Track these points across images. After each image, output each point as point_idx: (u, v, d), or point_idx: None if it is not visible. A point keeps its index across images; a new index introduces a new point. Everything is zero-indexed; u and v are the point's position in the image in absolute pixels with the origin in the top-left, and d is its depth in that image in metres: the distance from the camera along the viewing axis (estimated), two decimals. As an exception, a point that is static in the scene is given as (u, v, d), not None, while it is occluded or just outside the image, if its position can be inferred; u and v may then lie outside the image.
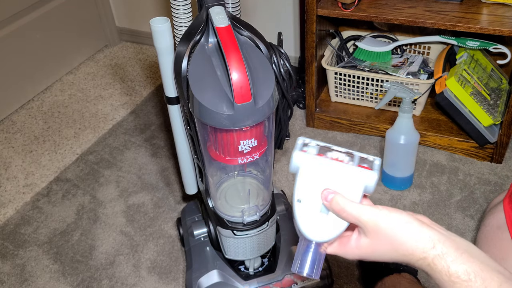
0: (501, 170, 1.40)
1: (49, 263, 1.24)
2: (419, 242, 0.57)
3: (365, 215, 0.58)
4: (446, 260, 0.56)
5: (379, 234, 0.58)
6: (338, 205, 0.59)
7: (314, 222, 0.60)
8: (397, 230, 0.57)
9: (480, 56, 1.46)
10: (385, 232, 0.58)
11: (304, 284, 1.06)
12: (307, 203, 0.60)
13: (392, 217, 0.58)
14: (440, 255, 0.56)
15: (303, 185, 0.61)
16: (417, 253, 0.57)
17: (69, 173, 1.51)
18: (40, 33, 1.85)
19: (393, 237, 0.58)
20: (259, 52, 0.83)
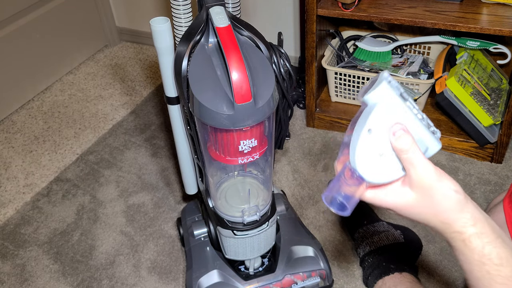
0: (501, 170, 1.40)
1: (49, 263, 1.24)
2: (462, 215, 0.56)
3: (424, 167, 0.56)
4: (482, 240, 0.55)
5: (426, 193, 0.56)
6: (406, 143, 0.55)
7: (371, 160, 0.57)
8: (446, 196, 0.56)
9: (480, 56, 1.46)
10: (433, 193, 0.56)
11: (304, 284, 1.06)
12: (376, 138, 0.56)
13: (445, 181, 0.56)
14: (478, 233, 0.55)
15: (379, 118, 0.56)
16: (456, 225, 0.56)
17: (69, 173, 1.51)
18: (40, 33, 1.85)
19: (439, 201, 0.56)
20: (259, 52, 0.83)
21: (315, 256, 1.10)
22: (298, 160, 1.48)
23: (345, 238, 1.24)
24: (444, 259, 1.17)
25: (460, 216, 0.56)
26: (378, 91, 0.55)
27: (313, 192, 1.37)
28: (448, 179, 0.57)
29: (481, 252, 0.55)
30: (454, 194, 0.56)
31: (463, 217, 0.56)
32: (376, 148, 0.56)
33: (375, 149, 0.56)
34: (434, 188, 0.56)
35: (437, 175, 0.56)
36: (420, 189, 0.56)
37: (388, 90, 0.56)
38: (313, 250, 1.11)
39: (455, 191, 0.56)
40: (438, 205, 0.56)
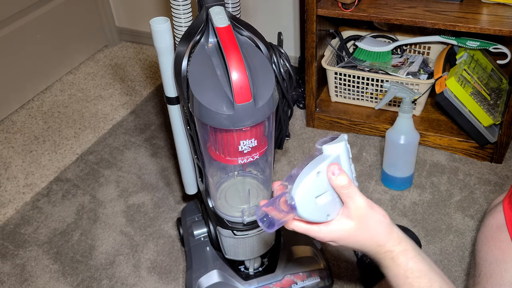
0: (501, 170, 1.40)
1: (49, 263, 1.24)
2: (391, 236, 0.65)
3: (360, 199, 0.65)
4: (406, 256, 0.65)
5: (363, 220, 0.65)
6: (344, 180, 0.64)
7: (309, 197, 0.64)
8: (378, 221, 0.65)
9: (480, 56, 1.46)
10: (368, 220, 0.65)
11: (304, 284, 1.06)
12: (320, 181, 0.64)
13: (376, 209, 0.66)
14: (403, 251, 0.65)
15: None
16: (387, 245, 0.65)
17: (69, 173, 1.51)
18: (40, 33, 1.85)
19: (373, 226, 0.65)
20: (259, 52, 0.83)
21: (314, 256, 1.10)
22: (298, 160, 1.49)
23: (345, 238, 1.23)
24: (444, 259, 1.17)
25: (389, 237, 0.65)
26: (336, 147, 0.66)
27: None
28: (378, 207, 0.67)
29: (405, 266, 0.64)
30: (384, 219, 0.66)
31: (392, 238, 0.65)
32: (317, 190, 0.65)
33: (316, 190, 0.65)
34: (369, 215, 0.65)
35: (369, 205, 0.66)
36: (357, 218, 0.65)
37: (342, 149, 0.67)
38: (313, 250, 1.11)
39: (383, 216, 0.66)
40: (373, 230, 0.65)
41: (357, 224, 0.65)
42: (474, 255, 1.04)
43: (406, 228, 1.20)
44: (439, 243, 1.21)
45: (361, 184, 1.38)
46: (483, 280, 0.93)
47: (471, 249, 1.19)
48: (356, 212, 0.65)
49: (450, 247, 1.20)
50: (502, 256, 0.92)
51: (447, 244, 1.21)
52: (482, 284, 0.92)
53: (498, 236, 0.96)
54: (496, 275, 0.91)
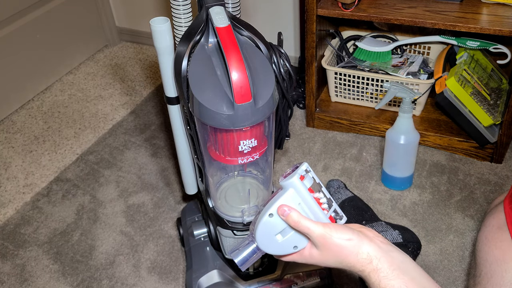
0: (501, 170, 1.40)
1: (49, 263, 1.24)
2: (359, 257, 0.66)
3: (315, 230, 0.67)
4: (379, 275, 0.65)
5: (326, 248, 0.67)
6: (294, 218, 0.68)
7: (270, 237, 0.70)
8: (341, 246, 0.66)
9: (480, 56, 1.46)
10: (331, 247, 0.67)
11: (304, 284, 1.06)
12: (275, 221, 0.69)
13: (337, 234, 0.67)
14: (375, 269, 0.65)
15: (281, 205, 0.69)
16: (357, 266, 0.66)
17: (69, 173, 1.51)
18: (40, 33, 1.85)
19: (337, 252, 0.67)
20: (259, 52, 0.83)
21: (315, 256, 1.09)
22: (298, 160, 1.48)
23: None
24: (444, 259, 1.17)
25: (357, 258, 0.66)
26: (290, 182, 0.68)
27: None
28: (340, 230, 0.67)
29: (378, 285, 0.65)
30: (347, 242, 0.67)
31: (360, 258, 0.66)
32: (274, 229, 0.69)
33: (273, 230, 0.69)
34: (330, 243, 0.67)
35: (329, 231, 0.67)
36: (322, 247, 0.68)
37: (297, 183, 0.68)
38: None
39: (347, 239, 0.67)
40: (338, 255, 0.67)
41: (322, 252, 0.68)
42: (474, 255, 1.04)
43: (407, 228, 1.20)
44: (439, 243, 1.21)
45: (361, 184, 1.38)
46: (484, 280, 0.93)
47: (471, 249, 1.19)
48: (318, 242, 0.68)
49: (450, 247, 1.20)
50: (502, 256, 0.92)
51: (447, 244, 1.21)
52: (483, 284, 0.92)
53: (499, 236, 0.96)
54: (497, 275, 0.91)
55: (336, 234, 0.67)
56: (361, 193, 1.35)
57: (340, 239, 0.67)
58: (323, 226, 0.67)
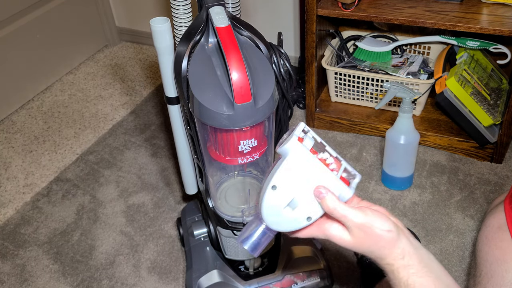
0: (501, 170, 1.40)
1: (49, 263, 1.24)
2: (394, 251, 0.63)
3: (355, 219, 0.62)
4: (408, 271, 0.63)
5: (362, 236, 0.63)
6: (329, 204, 0.62)
7: (278, 212, 0.62)
8: (380, 237, 0.63)
9: (480, 56, 1.46)
10: (369, 236, 0.63)
11: (304, 284, 1.06)
12: (280, 193, 0.62)
13: (378, 224, 0.63)
14: (405, 265, 0.63)
15: (284, 174, 0.61)
16: (388, 259, 0.64)
17: (69, 173, 1.51)
18: (40, 33, 1.85)
19: (374, 241, 0.63)
20: (259, 52, 0.83)
21: (315, 256, 1.10)
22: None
23: (345, 238, 1.23)
24: (444, 259, 1.17)
25: (391, 251, 0.64)
26: (287, 146, 0.60)
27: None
28: (380, 220, 0.63)
29: (406, 281, 0.63)
30: (387, 233, 0.63)
31: (394, 252, 0.64)
32: (281, 202, 0.62)
33: (280, 203, 0.62)
34: (368, 233, 0.63)
35: (370, 220, 0.63)
36: (356, 235, 0.63)
37: (296, 145, 0.60)
38: (313, 250, 1.10)
39: (387, 231, 0.63)
40: (373, 245, 0.64)
41: (356, 239, 0.64)
42: (474, 255, 1.04)
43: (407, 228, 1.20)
44: (439, 243, 1.21)
45: (361, 184, 1.38)
46: (484, 280, 0.93)
47: (471, 249, 1.19)
48: (354, 230, 0.63)
49: (450, 247, 1.20)
50: (503, 256, 0.92)
51: (447, 244, 1.21)
52: (483, 284, 0.92)
53: (499, 236, 0.96)
54: (497, 275, 0.91)
55: (377, 223, 0.63)
56: (361, 193, 1.35)
57: (381, 230, 0.63)
58: (363, 214, 0.62)
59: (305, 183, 0.62)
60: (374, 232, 0.62)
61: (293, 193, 0.62)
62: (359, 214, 0.62)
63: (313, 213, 0.63)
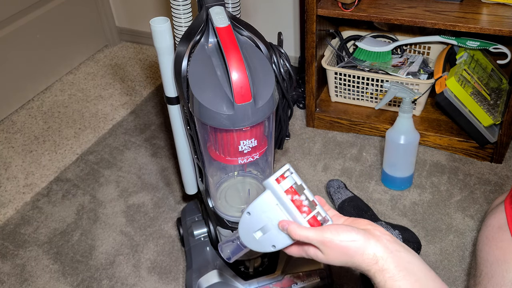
0: (501, 170, 1.40)
1: (49, 263, 1.24)
2: (365, 257, 0.65)
3: (313, 238, 0.67)
4: (384, 275, 0.64)
5: (330, 250, 0.67)
6: (293, 230, 0.68)
7: (250, 234, 0.72)
8: (345, 248, 0.66)
9: (480, 56, 1.46)
10: (334, 249, 0.66)
11: (304, 284, 1.06)
12: (253, 219, 0.71)
13: (339, 236, 0.66)
14: (380, 270, 0.65)
15: (259, 205, 0.70)
16: (363, 266, 0.66)
17: (69, 173, 1.51)
18: (40, 33, 1.85)
19: (342, 253, 0.66)
20: (259, 52, 0.83)
21: (315, 256, 1.09)
22: (298, 160, 1.49)
23: (345, 238, 1.23)
24: (444, 259, 1.17)
25: (363, 258, 0.65)
26: (265, 182, 0.69)
27: (313, 192, 1.36)
28: (343, 232, 0.66)
29: (384, 286, 0.65)
30: (352, 243, 0.66)
31: (366, 258, 0.65)
32: (252, 227, 0.71)
33: (251, 227, 0.72)
34: (333, 246, 0.66)
35: (328, 235, 0.66)
36: (324, 250, 0.67)
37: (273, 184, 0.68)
38: (313, 250, 1.10)
39: (352, 241, 0.66)
40: (343, 256, 0.66)
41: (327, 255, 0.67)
42: (475, 255, 1.04)
43: (406, 228, 1.20)
44: (439, 243, 1.21)
45: (361, 184, 1.38)
46: (484, 280, 0.93)
47: (472, 249, 1.19)
48: (319, 246, 0.67)
49: (450, 247, 1.20)
50: (503, 256, 0.92)
51: (447, 244, 1.21)
52: (483, 284, 0.92)
53: (500, 236, 0.96)
54: (497, 275, 0.90)
55: (338, 236, 0.66)
56: (361, 193, 1.35)
57: (342, 241, 0.66)
58: (321, 231, 0.67)
59: (275, 217, 0.70)
60: (338, 244, 0.66)
61: (263, 222, 0.70)
62: (318, 233, 0.67)
63: (278, 243, 0.71)
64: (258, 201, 0.70)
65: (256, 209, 0.70)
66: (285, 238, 0.70)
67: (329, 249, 0.66)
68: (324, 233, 0.66)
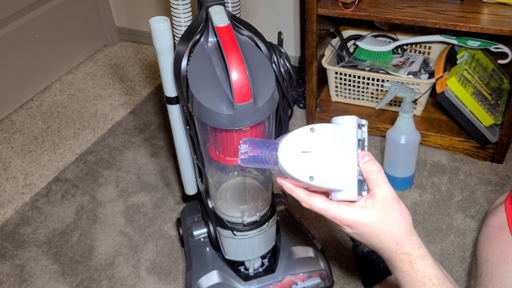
0: (502, 170, 1.39)
1: (48, 264, 1.24)
2: (411, 237, 0.61)
3: (388, 188, 0.60)
4: (425, 262, 0.61)
5: (387, 211, 0.60)
6: (375, 166, 0.60)
7: (294, 150, 0.59)
8: (402, 216, 0.61)
9: (481, 56, 1.46)
10: (393, 212, 0.60)
11: (304, 284, 1.06)
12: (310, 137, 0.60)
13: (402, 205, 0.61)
14: (422, 256, 0.61)
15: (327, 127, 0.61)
16: (406, 246, 0.61)
17: (69, 173, 1.50)
18: (39, 33, 1.84)
19: (396, 221, 0.60)
20: (259, 52, 0.83)
21: (315, 257, 1.09)
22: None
23: (345, 238, 1.23)
24: (444, 259, 1.17)
25: (410, 238, 0.61)
26: (346, 118, 0.61)
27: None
28: (404, 205, 0.62)
29: (423, 273, 0.61)
30: (408, 217, 0.62)
31: (412, 239, 0.61)
32: (305, 145, 0.59)
33: (304, 145, 0.59)
34: (394, 208, 0.61)
35: (396, 198, 0.61)
36: (381, 209, 0.60)
37: (354, 123, 0.61)
38: (313, 251, 1.10)
39: (408, 214, 0.62)
40: (395, 225, 0.61)
41: (380, 215, 0.60)
42: (475, 255, 1.04)
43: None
44: (439, 244, 1.21)
45: (361, 184, 1.38)
46: (485, 280, 0.92)
47: (472, 249, 1.18)
48: (382, 202, 0.60)
49: (451, 247, 1.19)
50: (503, 256, 0.92)
51: (448, 244, 1.20)
52: (484, 284, 0.92)
53: (500, 236, 0.96)
54: (498, 276, 0.90)
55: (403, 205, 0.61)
56: (362, 193, 1.35)
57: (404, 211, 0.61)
58: (393, 190, 0.61)
59: (334, 148, 0.60)
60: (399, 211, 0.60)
61: (322, 150, 0.59)
62: (391, 189, 0.61)
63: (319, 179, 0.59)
64: (330, 125, 0.61)
65: (322, 129, 0.60)
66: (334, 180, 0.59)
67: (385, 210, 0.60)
68: (395, 193, 0.61)
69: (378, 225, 0.61)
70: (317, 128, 0.60)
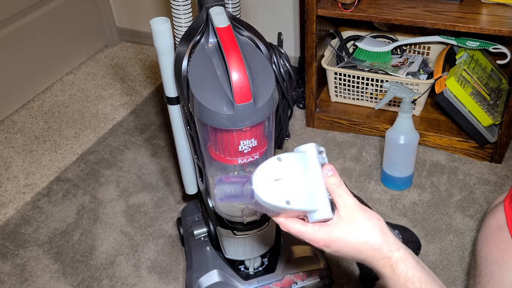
0: (501, 170, 1.40)
1: (49, 263, 1.24)
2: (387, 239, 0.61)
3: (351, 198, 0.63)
4: (406, 264, 0.60)
5: (355, 220, 0.61)
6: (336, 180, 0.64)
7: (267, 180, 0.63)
8: (372, 222, 0.61)
9: (480, 56, 1.46)
10: (361, 220, 0.61)
11: (304, 284, 1.06)
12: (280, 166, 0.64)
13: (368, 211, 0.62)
14: (402, 258, 0.61)
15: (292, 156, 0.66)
16: (384, 249, 0.61)
17: (70, 173, 1.51)
18: (40, 33, 1.85)
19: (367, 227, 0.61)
20: (259, 52, 0.83)
21: (315, 256, 1.10)
22: (298, 160, 1.48)
23: (345, 238, 1.24)
24: (444, 259, 1.17)
25: (385, 240, 0.61)
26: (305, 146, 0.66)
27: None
28: (371, 211, 0.63)
29: (405, 276, 0.60)
30: (378, 221, 0.62)
31: (389, 242, 0.61)
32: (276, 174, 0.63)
33: (275, 174, 0.63)
34: (361, 216, 0.62)
35: (361, 206, 0.62)
36: (348, 218, 0.62)
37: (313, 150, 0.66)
38: (313, 250, 1.11)
39: (377, 218, 0.62)
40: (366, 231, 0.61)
41: (349, 226, 0.62)
42: (474, 255, 1.05)
43: (406, 228, 1.21)
44: (439, 243, 1.21)
45: (361, 184, 1.39)
46: (484, 280, 0.93)
47: (471, 249, 1.19)
48: (347, 212, 0.62)
49: (450, 247, 1.20)
50: (502, 256, 0.92)
51: (447, 244, 1.21)
52: (483, 284, 0.93)
53: (499, 236, 0.96)
54: (497, 275, 0.91)
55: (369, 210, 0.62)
56: (361, 193, 1.35)
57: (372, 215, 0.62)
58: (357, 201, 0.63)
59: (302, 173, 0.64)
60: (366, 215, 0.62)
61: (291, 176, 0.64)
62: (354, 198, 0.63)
63: (295, 202, 0.63)
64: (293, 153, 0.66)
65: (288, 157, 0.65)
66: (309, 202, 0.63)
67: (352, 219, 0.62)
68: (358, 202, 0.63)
69: (351, 236, 0.62)
70: (283, 157, 0.64)
